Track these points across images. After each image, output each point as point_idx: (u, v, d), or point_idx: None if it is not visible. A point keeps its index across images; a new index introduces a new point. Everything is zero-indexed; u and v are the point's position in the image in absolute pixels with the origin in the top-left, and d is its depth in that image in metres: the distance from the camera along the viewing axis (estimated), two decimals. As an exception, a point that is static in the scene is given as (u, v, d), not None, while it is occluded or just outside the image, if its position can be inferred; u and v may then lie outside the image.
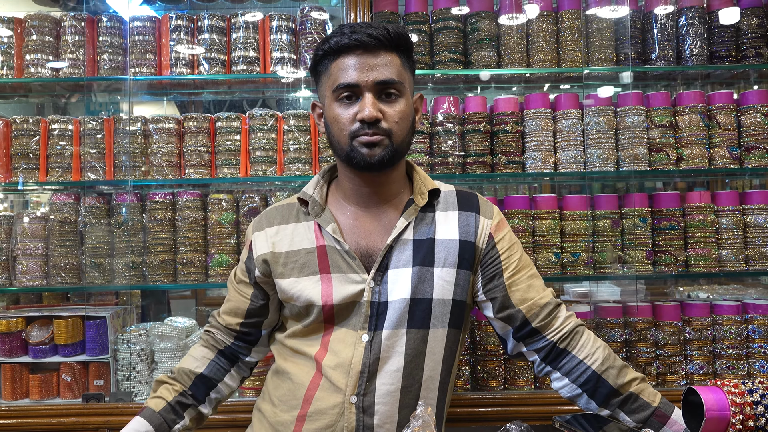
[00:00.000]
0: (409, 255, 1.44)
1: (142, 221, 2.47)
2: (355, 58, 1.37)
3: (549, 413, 1.46)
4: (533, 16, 2.52)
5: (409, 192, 1.54)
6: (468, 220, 1.50)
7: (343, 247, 1.45)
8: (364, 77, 1.37)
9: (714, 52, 2.55)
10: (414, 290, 1.42)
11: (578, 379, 1.43)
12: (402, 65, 1.42)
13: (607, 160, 2.44)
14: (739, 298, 2.55)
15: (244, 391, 2.34)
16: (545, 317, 1.46)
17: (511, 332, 1.49)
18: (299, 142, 2.45)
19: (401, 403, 1.42)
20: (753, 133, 2.44)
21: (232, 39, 2.53)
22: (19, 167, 2.47)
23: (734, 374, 2.32)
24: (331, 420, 1.40)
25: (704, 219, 2.43)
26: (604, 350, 1.45)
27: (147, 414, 1.52)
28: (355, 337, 1.42)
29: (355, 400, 1.40)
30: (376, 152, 1.39)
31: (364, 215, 1.50)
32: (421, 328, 1.43)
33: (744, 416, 1.20)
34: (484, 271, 1.50)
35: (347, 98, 1.39)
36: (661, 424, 1.38)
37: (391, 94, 1.40)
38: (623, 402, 1.41)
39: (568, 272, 2.43)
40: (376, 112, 1.36)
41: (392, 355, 1.41)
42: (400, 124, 1.40)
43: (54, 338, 2.37)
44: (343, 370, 1.41)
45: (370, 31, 1.36)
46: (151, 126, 2.48)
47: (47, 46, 2.52)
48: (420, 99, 1.52)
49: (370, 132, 1.37)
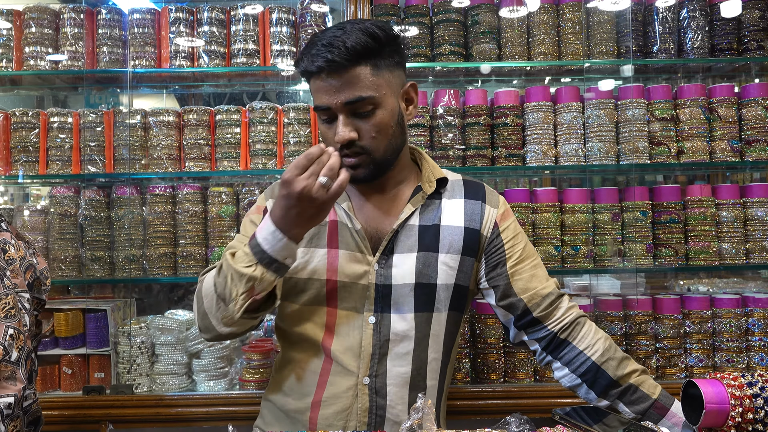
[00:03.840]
0: (414, 240, 1.47)
1: (142, 214, 2.47)
2: (322, 81, 1.37)
3: (549, 406, 1.46)
4: (534, 9, 2.51)
5: (416, 177, 1.55)
6: (474, 208, 1.52)
7: (355, 226, 1.47)
8: (333, 100, 1.36)
9: (715, 45, 2.54)
10: (418, 275, 1.45)
11: (578, 369, 1.44)
12: (373, 73, 1.37)
13: (608, 154, 2.44)
14: (738, 291, 2.55)
15: (244, 384, 2.34)
16: (546, 307, 1.47)
17: (513, 320, 1.51)
18: (299, 135, 2.45)
19: (411, 384, 1.45)
20: (754, 126, 2.44)
21: (232, 31, 2.52)
22: (19, 160, 2.46)
23: (734, 367, 2.32)
24: (345, 403, 1.43)
25: (705, 212, 2.42)
26: (605, 342, 1.46)
27: None
28: (361, 320, 1.44)
29: (367, 381, 1.43)
30: (359, 173, 1.41)
31: (372, 199, 1.52)
32: (426, 312, 1.46)
33: (743, 409, 1.20)
34: (488, 259, 1.52)
35: (327, 121, 1.41)
36: (660, 416, 1.39)
37: (364, 108, 1.37)
38: (622, 393, 1.42)
39: (568, 265, 2.43)
40: (348, 134, 1.36)
41: (401, 338, 1.44)
42: (377, 137, 1.39)
43: (54, 331, 2.38)
44: (354, 353, 1.43)
45: (326, 55, 1.33)
46: (150, 119, 2.48)
47: (46, 38, 2.51)
48: (412, 88, 1.49)
49: (349, 153, 1.38)
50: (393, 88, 1.42)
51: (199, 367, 2.36)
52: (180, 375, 2.36)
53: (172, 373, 2.35)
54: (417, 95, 1.51)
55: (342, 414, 1.43)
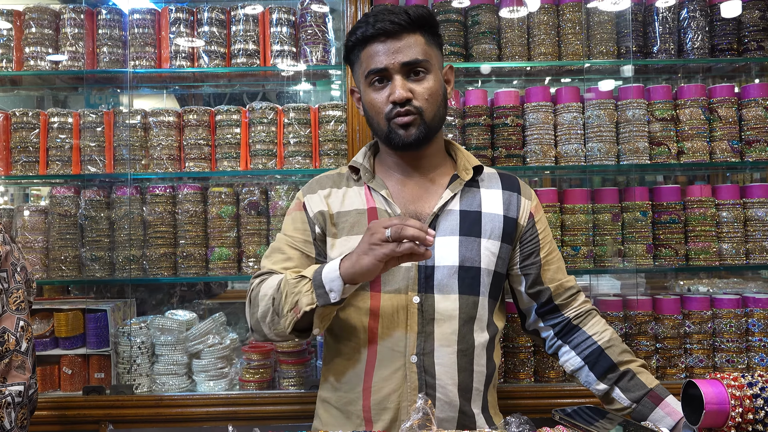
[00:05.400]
0: (455, 224, 1.52)
1: (142, 214, 2.47)
2: (381, 44, 1.46)
3: (549, 406, 1.47)
4: (534, 9, 2.51)
5: (451, 166, 1.62)
6: (511, 198, 1.59)
7: (395, 211, 1.51)
8: (391, 61, 1.45)
9: (715, 45, 2.54)
10: (462, 258, 1.49)
11: (583, 352, 1.54)
12: (426, 43, 1.48)
13: (608, 154, 2.44)
14: (739, 291, 2.55)
15: (244, 384, 2.34)
16: (567, 298, 1.59)
17: (535, 307, 1.61)
18: (299, 135, 2.45)
19: (459, 366, 1.47)
20: (754, 126, 2.44)
21: (232, 32, 2.52)
22: (19, 160, 2.46)
23: (734, 367, 2.32)
24: (396, 384, 1.45)
25: (705, 213, 2.42)
26: (612, 333, 1.56)
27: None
28: (406, 300, 1.47)
29: (415, 359, 1.45)
30: (411, 132, 1.47)
31: (410, 183, 1.57)
32: (471, 295, 1.50)
33: (743, 409, 1.20)
34: (523, 247, 1.59)
35: (379, 82, 1.48)
36: (654, 405, 1.44)
37: (419, 72, 1.47)
38: (620, 377, 1.49)
39: (568, 266, 2.42)
40: (405, 92, 1.45)
41: (446, 318, 1.47)
42: (430, 100, 1.48)
43: (54, 331, 2.38)
44: (400, 334, 1.46)
45: (391, 18, 1.44)
46: (150, 119, 2.48)
47: (46, 38, 2.51)
48: (450, 70, 1.59)
49: (403, 111, 1.45)
50: (439, 63, 1.53)
51: (199, 367, 2.36)
52: (180, 375, 2.36)
53: (172, 373, 2.35)
54: (453, 78, 1.60)
55: (393, 396, 1.45)
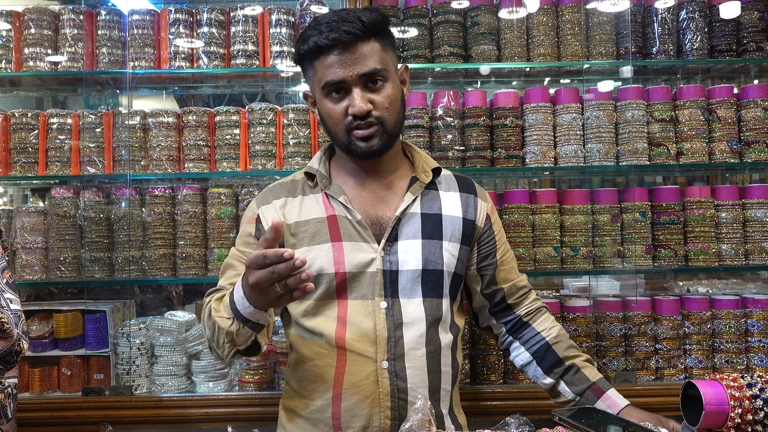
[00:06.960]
0: (417, 227, 1.51)
1: (142, 215, 2.47)
2: (336, 56, 1.41)
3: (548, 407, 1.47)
4: (533, 10, 2.51)
5: (409, 168, 1.60)
6: (468, 200, 1.60)
7: (355, 217, 1.50)
8: (349, 73, 1.40)
9: (714, 46, 2.54)
10: (425, 261, 1.49)
11: (531, 348, 1.58)
12: (382, 49, 1.44)
13: (607, 155, 2.44)
14: (738, 292, 2.55)
15: (244, 385, 2.34)
16: (519, 297, 1.63)
17: (488, 307, 1.64)
18: (299, 136, 2.45)
19: (429, 368, 1.48)
20: (753, 127, 2.44)
21: (231, 32, 2.52)
22: (18, 161, 2.46)
23: (733, 368, 2.32)
24: (367, 390, 1.44)
25: (704, 213, 2.43)
26: (560, 330, 1.61)
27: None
28: (373, 306, 1.46)
29: (386, 365, 1.44)
30: (373, 143, 1.45)
31: (368, 187, 1.56)
32: (435, 297, 1.50)
33: (743, 410, 1.20)
34: (480, 248, 1.61)
35: (336, 92, 1.44)
36: (596, 397, 1.49)
37: (377, 80, 1.43)
38: (565, 371, 1.54)
39: (567, 267, 2.43)
40: (365, 105, 1.41)
41: (414, 322, 1.47)
42: (390, 108, 1.45)
43: (54, 332, 2.38)
44: (369, 339, 1.45)
45: (346, 27, 1.39)
46: (150, 120, 2.48)
47: (46, 39, 2.51)
48: (405, 70, 1.56)
49: (363, 124, 1.43)
50: (394, 66, 1.50)
51: (199, 368, 2.35)
52: (179, 376, 2.36)
53: (172, 374, 2.35)
54: (408, 78, 1.58)
55: (365, 402, 1.44)
